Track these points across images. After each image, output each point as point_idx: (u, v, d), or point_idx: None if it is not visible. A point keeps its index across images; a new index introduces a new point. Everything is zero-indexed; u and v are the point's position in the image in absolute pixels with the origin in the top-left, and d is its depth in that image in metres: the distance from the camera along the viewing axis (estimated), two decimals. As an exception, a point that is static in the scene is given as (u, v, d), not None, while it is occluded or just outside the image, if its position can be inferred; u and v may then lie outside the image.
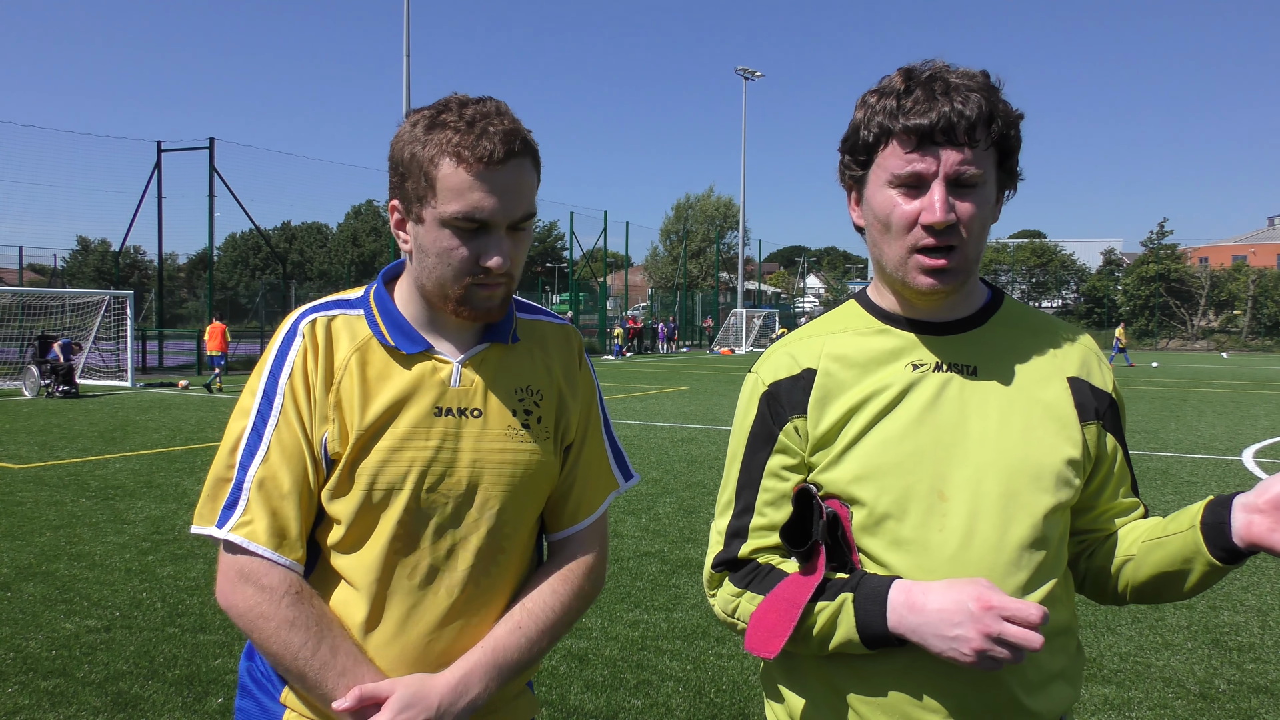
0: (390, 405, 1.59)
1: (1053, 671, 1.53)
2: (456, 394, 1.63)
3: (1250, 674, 4.98)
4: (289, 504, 1.56)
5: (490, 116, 1.53)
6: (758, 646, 1.50)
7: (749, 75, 54.49)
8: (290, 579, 1.55)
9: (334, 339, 1.62)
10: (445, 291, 1.58)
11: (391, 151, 1.60)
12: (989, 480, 1.50)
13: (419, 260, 1.60)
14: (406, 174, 1.56)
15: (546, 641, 1.69)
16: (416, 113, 1.59)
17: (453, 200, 1.51)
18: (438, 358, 1.64)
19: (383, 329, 1.63)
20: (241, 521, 1.54)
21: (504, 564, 1.68)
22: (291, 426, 1.58)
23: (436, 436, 1.61)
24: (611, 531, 7.83)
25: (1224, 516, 1.43)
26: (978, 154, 1.45)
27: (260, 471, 1.56)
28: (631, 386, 24.07)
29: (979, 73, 1.50)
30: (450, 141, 1.51)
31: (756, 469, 1.63)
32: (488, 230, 1.54)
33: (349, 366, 1.60)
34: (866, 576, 1.50)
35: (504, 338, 1.70)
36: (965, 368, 1.57)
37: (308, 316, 1.65)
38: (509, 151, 1.52)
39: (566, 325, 1.85)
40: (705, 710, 4.48)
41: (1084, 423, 1.56)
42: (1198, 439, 14.47)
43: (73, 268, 50.77)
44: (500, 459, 1.65)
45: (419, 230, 1.57)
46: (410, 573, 1.61)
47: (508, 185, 1.53)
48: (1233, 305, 63.00)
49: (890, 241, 1.52)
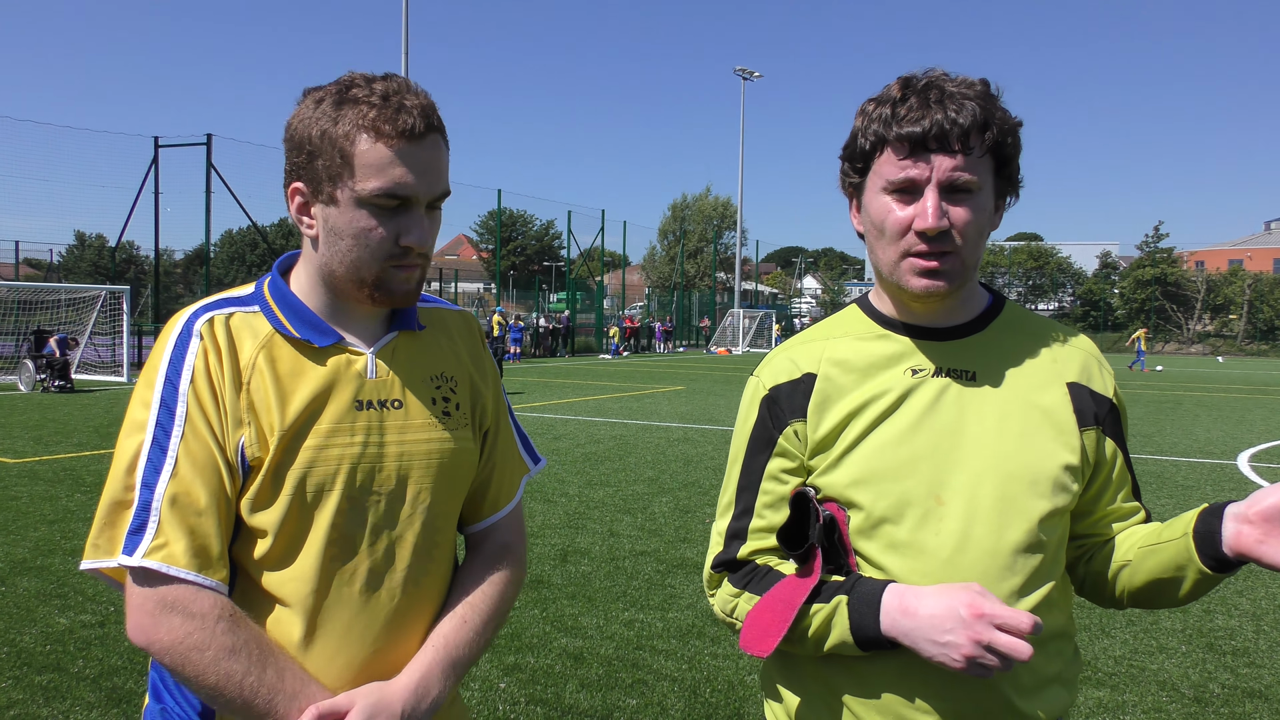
0: (310, 401, 1.50)
1: (1048, 675, 1.54)
2: (374, 386, 1.56)
3: (1244, 678, 4.99)
4: (208, 520, 1.43)
5: (404, 92, 1.47)
6: (752, 645, 1.52)
7: (747, 76, 54.50)
8: (221, 602, 1.42)
9: (235, 337, 1.51)
10: (360, 275, 1.51)
11: (291, 131, 1.51)
12: (985, 485, 1.51)
13: (329, 244, 1.51)
14: (316, 153, 1.47)
15: (491, 633, 1.65)
16: (317, 90, 1.51)
17: (373, 177, 1.45)
18: (350, 350, 1.56)
19: (285, 323, 1.54)
20: (155, 545, 1.39)
21: (439, 559, 1.63)
22: (200, 435, 1.44)
23: (361, 431, 1.53)
24: (607, 531, 7.85)
25: (1215, 525, 1.44)
26: (971, 161, 1.46)
27: (171, 488, 1.41)
28: (628, 386, 24.07)
29: (978, 81, 1.51)
30: (367, 116, 1.44)
31: (756, 472, 1.64)
32: (408, 208, 1.48)
33: (257, 365, 1.50)
34: (861, 580, 1.51)
35: (411, 325, 1.63)
36: (964, 373, 1.58)
37: (202, 315, 1.52)
38: (428, 126, 1.47)
39: (465, 311, 1.80)
40: (700, 710, 4.48)
41: (1083, 428, 1.57)
42: (1193, 443, 14.49)
43: (69, 263, 50.66)
44: (426, 450, 1.59)
45: (330, 212, 1.49)
46: (349, 579, 1.52)
47: (428, 161, 1.48)
48: (1228, 309, 63.10)
49: (885, 247, 1.53)
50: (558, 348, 41.25)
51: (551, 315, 43.91)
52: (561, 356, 40.24)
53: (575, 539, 7.60)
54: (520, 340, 35.66)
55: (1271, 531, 1.37)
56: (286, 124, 1.53)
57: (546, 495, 9.28)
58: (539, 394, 21.09)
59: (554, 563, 6.89)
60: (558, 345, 41.27)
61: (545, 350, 40.50)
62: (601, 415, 16.81)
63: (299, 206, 1.53)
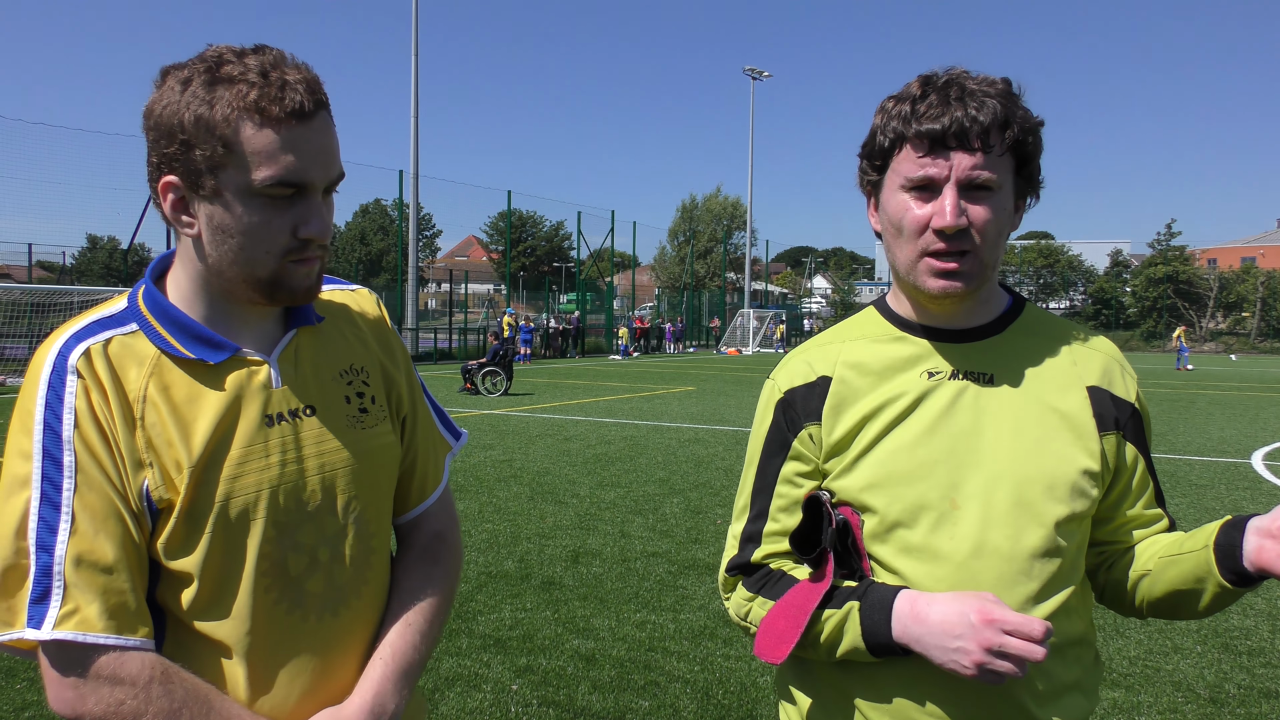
0: (215, 428, 1.36)
1: (1066, 682, 1.52)
2: (282, 396, 1.43)
3: (1261, 679, 4.96)
4: (119, 576, 1.29)
5: (283, 65, 1.31)
6: (766, 652, 1.51)
7: (757, 75, 54.45)
8: (150, 661, 1.29)
9: (117, 367, 1.34)
10: (255, 275, 1.35)
11: (155, 117, 1.32)
12: (1001, 489, 1.50)
13: (217, 245, 1.34)
14: (191, 142, 1.29)
15: (437, 630, 1.56)
16: (179, 69, 1.32)
17: (263, 165, 1.29)
18: (249, 360, 1.41)
19: (172, 341, 1.37)
20: (65, 613, 1.25)
21: (377, 565, 1.52)
22: (96, 485, 1.29)
23: (276, 450, 1.40)
24: (619, 532, 7.84)
25: (1236, 539, 1.42)
26: (991, 159, 1.45)
27: (72, 547, 1.26)
28: (638, 387, 24.07)
29: (999, 79, 1.49)
30: (247, 98, 1.28)
31: (771, 475, 1.64)
32: (303, 196, 1.34)
33: (148, 396, 1.34)
34: (874, 585, 1.50)
35: (308, 320, 1.49)
36: (981, 375, 1.56)
37: (75, 348, 1.34)
38: (316, 103, 1.32)
39: (361, 289, 1.65)
40: (713, 711, 4.47)
41: (1103, 433, 1.55)
42: (1207, 442, 14.41)
43: (81, 265, 50.85)
44: (348, 455, 1.47)
45: (215, 210, 1.32)
46: (290, 608, 1.40)
47: (321, 142, 1.34)
48: (1241, 307, 62.79)
49: (903, 245, 1.52)
50: (568, 349, 41.27)
51: (561, 316, 43.94)
52: (571, 357, 40.26)
53: (586, 540, 7.59)
54: (530, 341, 35.69)
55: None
56: (146, 109, 1.33)
57: (558, 497, 9.27)
58: (549, 395, 21.09)
59: (565, 564, 6.88)
60: (568, 346, 41.30)
61: (555, 351, 40.53)
62: (612, 416, 16.80)
63: (174, 204, 1.35)
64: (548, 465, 11.09)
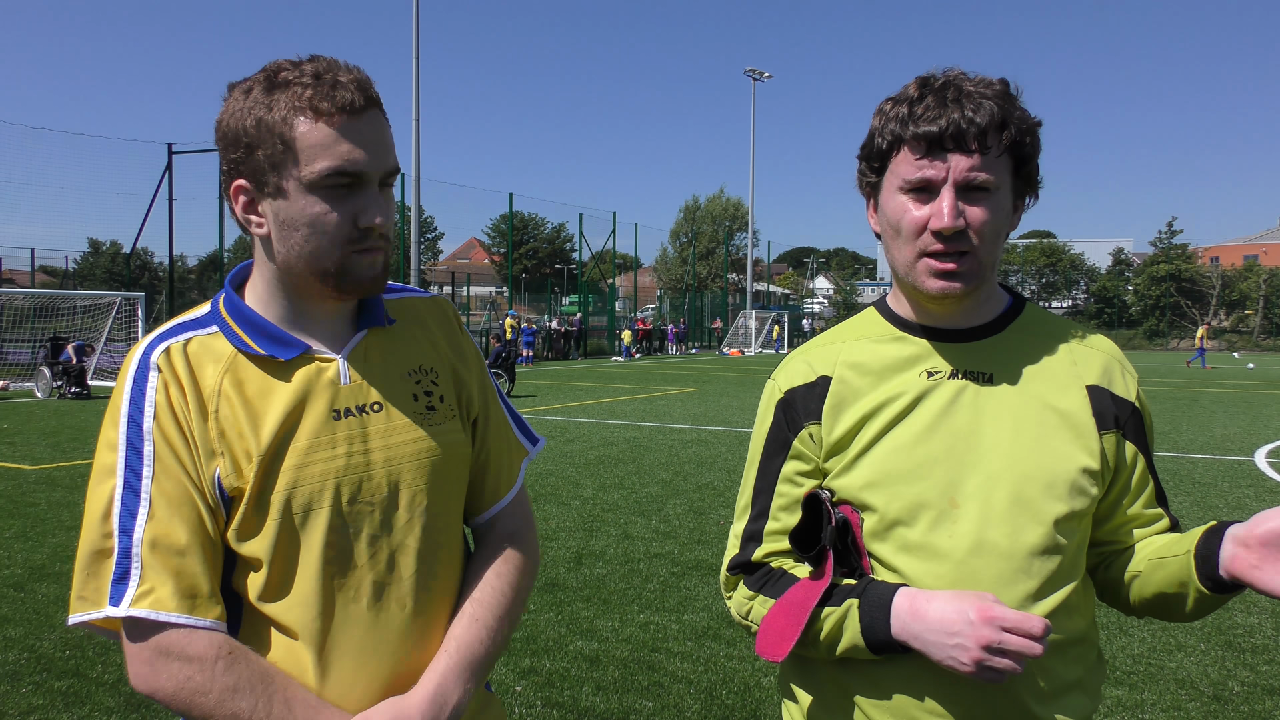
0: (284, 420, 1.43)
1: (1068, 681, 1.53)
2: (350, 391, 1.49)
3: (1264, 675, 4.96)
4: (192, 560, 1.37)
5: (336, 69, 1.40)
6: (767, 650, 1.52)
7: (757, 76, 54.47)
8: (217, 641, 1.37)
9: (194, 365, 1.43)
10: (322, 266, 1.42)
11: (224, 128, 1.42)
12: (1001, 488, 1.50)
13: (284, 240, 1.42)
14: (254, 144, 1.39)
15: (507, 628, 1.58)
16: (243, 82, 1.43)
17: (319, 158, 1.37)
18: (319, 357, 1.49)
19: (247, 340, 1.46)
20: (141, 592, 1.34)
21: (446, 560, 1.56)
22: (172, 472, 1.38)
23: (342, 442, 1.46)
24: (621, 533, 7.85)
25: (1215, 546, 1.42)
26: (989, 160, 1.45)
27: (149, 531, 1.36)
28: (641, 388, 24.07)
29: (997, 80, 1.50)
30: (302, 97, 1.37)
31: (772, 474, 1.65)
32: (361, 186, 1.41)
33: (223, 390, 1.42)
34: (873, 583, 1.51)
35: (379, 321, 1.55)
36: (981, 375, 1.57)
37: (158, 347, 1.45)
38: (367, 100, 1.40)
39: (437, 297, 1.71)
40: (717, 712, 4.47)
41: (1102, 431, 1.55)
42: (1209, 439, 14.40)
43: (84, 269, 50.90)
44: (415, 450, 1.52)
45: (279, 205, 1.41)
46: (354, 596, 1.46)
47: (373, 135, 1.41)
48: (1244, 305, 62.73)
49: (902, 246, 1.53)
50: (570, 350, 41.28)
51: (563, 318, 43.97)
52: (574, 359, 40.27)
53: (589, 542, 7.60)
54: (532, 343, 35.70)
55: (1268, 557, 1.34)
56: (216, 122, 1.44)
57: (560, 498, 9.28)
58: (552, 397, 21.11)
59: (569, 566, 6.89)
60: (570, 348, 41.30)
61: (557, 353, 40.54)
62: (614, 418, 16.81)
63: (244, 205, 1.45)
64: (550, 467, 11.09)
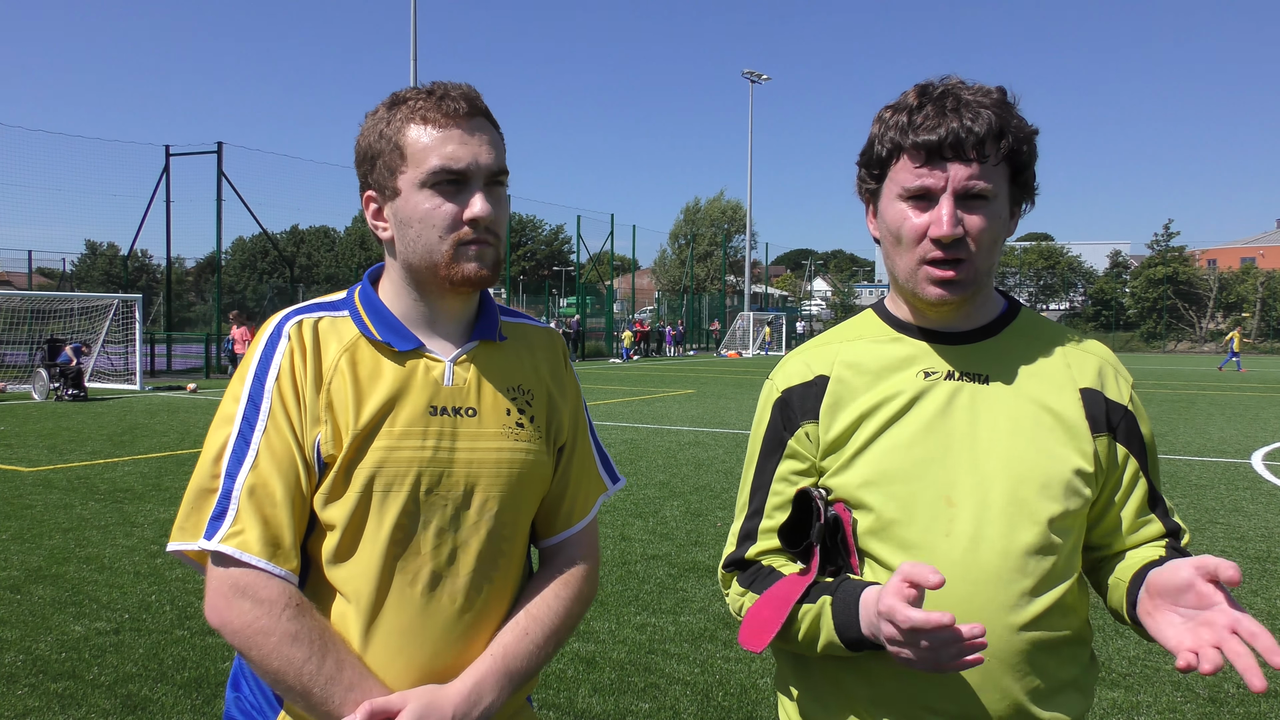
0: (384, 403, 1.55)
1: (1063, 680, 1.54)
2: (450, 392, 1.60)
3: (1260, 678, 4.96)
4: (282, 511, 1.49)
5: (447, 86, 1.56)
6: (748, 641, 1.54)
7: (756, 78, 54.52)
8: (288, 591, 1.48)
9: (321, 340, 1.58)
10: (434, 258, 1.55)
11: (358, 148, 1.61)
12: (996, 487, 1.51)
13: (402, 237, 1.57)
14: (376, 155, 1.56)
15: (552, 647, 1.65)
16: (374, 110, 1.61)
17: (427, 157, 1.52)
18: (429, 356, 1.60)
19: (371, 327, 1.59)
20: (232, 531, 1.46)
21: (504, 568, 1.64)
22: (281, 431, 1.51)
23: (433, 436, 1.56)
24: (619, 535, 7.85)
25: (1140, 583, 1.45)
26: (987, 169, 1.47)
27: (250, 479, 1.49)
28: (638, 390, 24.08)
29: (994, 89, 1.51)
30: (415, 109, 1.54)
31: (768, 473, 1.66)
32: (466, 183, 1.54)
33: (339, 366, 1.56)
34: (846, 581, 1.52)
35: (492, 335, 1.67)
36: (977, 376, 1.58)
37: (292, 319, 1.60)
38: (473, 107, 1.55)
39: (551, 329, 1.84)
40: (713, 713, 4.48)
41: (1095, 434, 1.56)
42: (1206, 442, 14.42)
43: (81, 271, 50.94)
44: (497, 459, 1.61)
45: (397, 205, 1.56)
46: (412, 580, 1.55)
47: (478, 136, 1.54)
48: (1241, 307, 62.82)
49: (901, 253, 1.54)
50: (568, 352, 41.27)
51: (562, 320, 43.98)
52: (572, 360, 40.23)
53: (587, 543, 7.59)
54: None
55: (1160, 606, 1.37)
56: (355, 147, 1.62)
57: (558, 500, 9.26)
58: (550, 398, 21.07)
59: (566, 567, 6.88)
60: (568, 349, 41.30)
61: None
62: (612, 419, 16.81)
63: (374, 213, 1.61)
64: (548, 469, 11.07)
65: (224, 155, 28.59)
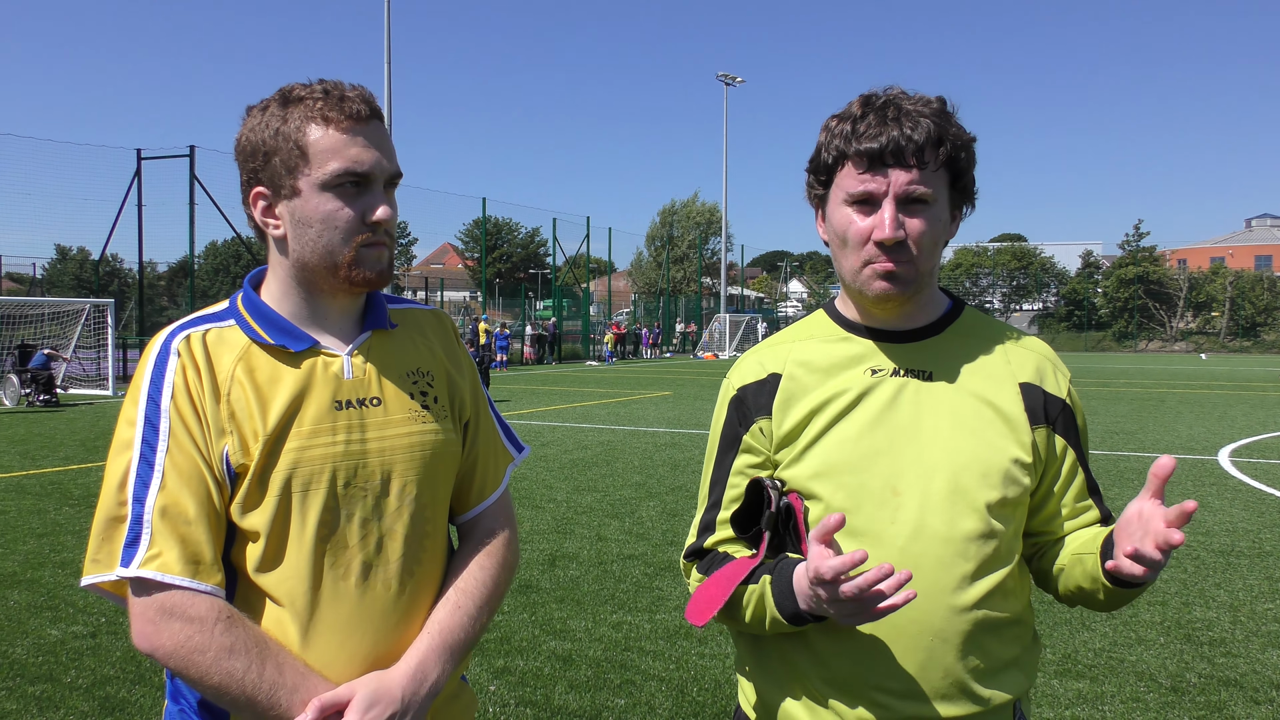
0: (289, 405, 1.56)
1: (1005, 659, 1.62)
2: (352, 385, 1.62)
3: (1221, 667, 5.09)
4: (198, 528, 1.48)
5: (342, 86, 1.58)
6: (693, 615, 1.62)
7: (730, 81, 54.68)
8: (218, 605, 1.48)
9: (212, 352, 1.57)
10: (334, 260, 1.56)
11: (243, 143, 1.59)
12: (939, 477, 1.60)
13: (299, 237, 1.57)
14: (271, 152, 1.55)
15: (485, 617, 1.69)
16: (259, 103, 1.61)
17: (331, 159, 1.53)
18: (326, 352, 1.62)
19: (261, 333, 1.59)
20: (150, 555, 1.45)
21: (431, 549, 1.68)
22: (185, 448, 1.50)
23: (342, 430, 1.58)
24: (595, 535, 7.92)
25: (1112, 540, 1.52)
26: (926, 174, 1.55)
27: (160, 500, 1.47)
28: (615, 392, 24.13)
29: (935, 99, 1.60)
30: (314, 109, 1.54)
31: (726, 467, 1.75)
32: (368, 186, 1.56)
33: (236, 376, 1.55)
34: (784, 560, 1.60)
35: (383, 324, 1.69)
36: (921, 373, 1.66)
37: (179, 335, 1.58)
38: (371, 111, 1.57)
39: (437, 309, 1.87)
40: (688, 709, 4.55)
41: (1034, 426, 1.65)
42: (1175, 439, 14.64)
43: (52, 276, 50.36)
44: (408, 443, 1.64)
45: (294, 205, 1.56)
46: (344, 573, 1.57)
47: (378, 141, 1.57)
48: (1210, 307, 63.62)
49: (848, 255, 1.62)
50: (544, 355, 41.27)
51: (538, 323, 43.94)
52: (548, 364, 40.27)
53: (563, 544, 7.66)
54: (506, 348, 35.63)
55: (1123, 538, 1.44)
56: (235, 141, 1.61)
57: (535, 501, 9.33)
58: (526, 401, 21.13)
59: (542, 567, 6.94)
60: (544, 353, 41.30)
61: (532, 358, 40.52)
62: (589, 421, 16.86)
63: (263, 210, 1.60)
64: (524, 470, 11.12)
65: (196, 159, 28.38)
